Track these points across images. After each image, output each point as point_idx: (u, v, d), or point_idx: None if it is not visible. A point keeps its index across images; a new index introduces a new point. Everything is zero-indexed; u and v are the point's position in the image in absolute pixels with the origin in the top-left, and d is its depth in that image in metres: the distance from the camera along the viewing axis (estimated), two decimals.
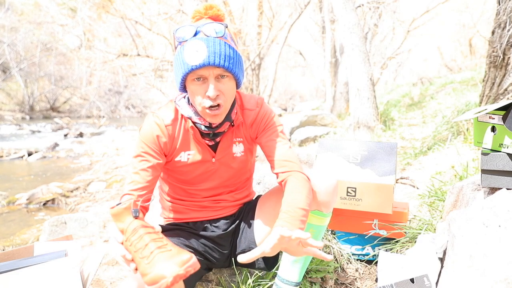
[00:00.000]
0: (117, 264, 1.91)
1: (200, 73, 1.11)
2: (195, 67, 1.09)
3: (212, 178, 1.32)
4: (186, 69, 1.11)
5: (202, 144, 1.27)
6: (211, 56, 1.09)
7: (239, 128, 1.31)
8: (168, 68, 9.44)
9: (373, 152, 1.80)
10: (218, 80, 1.13)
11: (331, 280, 1.57)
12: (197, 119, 1.22)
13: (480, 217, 1.18)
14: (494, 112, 1.29)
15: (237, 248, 1.37)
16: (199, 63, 1.08)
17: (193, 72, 1.11)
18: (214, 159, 1.29)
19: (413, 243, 1.68)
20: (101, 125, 14.93)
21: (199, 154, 1.27)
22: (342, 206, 1.72)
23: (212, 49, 1.09)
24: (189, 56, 1.09)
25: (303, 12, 10.66)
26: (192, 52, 1.09)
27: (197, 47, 1.09)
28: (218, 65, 1.10)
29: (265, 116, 1.31)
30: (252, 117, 1.30)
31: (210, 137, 1.25)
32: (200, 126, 1.23)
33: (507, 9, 2.74)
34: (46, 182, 5.09)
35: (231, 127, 1.29)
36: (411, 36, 12.77)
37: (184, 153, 1.26)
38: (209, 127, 1.23)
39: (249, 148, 1.35)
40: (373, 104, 5.26)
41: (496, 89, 2.93)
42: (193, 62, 1.09)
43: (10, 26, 17.13)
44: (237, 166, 1.33)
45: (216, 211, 1.37)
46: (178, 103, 1.26)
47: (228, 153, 1.30)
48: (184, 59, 1.11)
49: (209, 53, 1.09)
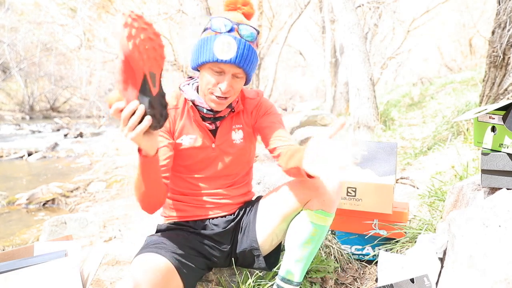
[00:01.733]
0: (117, 264, 1.91)
1: (222, 67, 1.19)
2: (221, 61, 1.17)
3: (212, 165, 1.35)
4: (211, 58, 1.18)
5: (203, 128, 1.32)
6: (239, 57, 1.18)
7: (238, 115, 1.37)
8: (168, 68, 9.44)
9: (373, 152, 1.80)
10: (233, 78, 1.21)
11: (331, 280, 1.57)
12: (200, 103, 1.29)
13: (480, 217, 1.18)
14: (494, 112, 1.29)
15: (237, 247, 1.37)
16: (226, 59, 1.17)
17: (216, 63, 1.18)
18: (214, 144, 1.33)
19: (413, 243, 1.68)
20: (101, 125, 14.92)
21: (200, 138, 1.32)
22: (342, 206, 1.72)
23: (241, 51, 1.18)
24: (219, 49, 1.17)
25: (303, 12, 10.67)
26: (223, 46, 1.17)
27: (229, 44, 1.17)
28: (241, 67, 1.19)
29: (266, 104, 1.39)
30: (253, 104, 1.38)
31: (211, 120, 1.32)
32: (202, 108, 1.29)
33: (507, 9, 2.74)
34: (46, 182, 5.09)
35: (231, 113, 1.35)
36: (411, 36, 12.78)
37: (186, 137, 1.31)
38: (211, 110, 1.29)
39: (249, 136, 1.39)
40: (373, 104, 5.26)
41: (496, 89, 2.93)
42: (222, 56, 1.17)
43: (10, 26, 17.13)
44: (236, 153, 1.37)
45: (215, 209, 1.37)
46: (183, 88, 1.33)
47: (228, 139, 1.35)
48: (213, 49, 1.17)
49: (237, 53, 1.17)
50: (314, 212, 1.25)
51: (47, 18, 12.22)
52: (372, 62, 9.35)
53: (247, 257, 1.36)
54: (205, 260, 1.32)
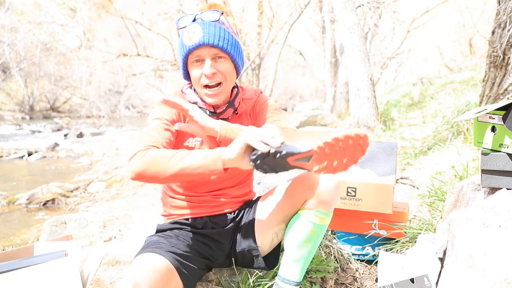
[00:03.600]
0: (117, 264, 1.91)
1: (197, 53, 1.20)
2: (191, 47, 1.19)
3: None
4: (184, 50, 1.21)
5: None
6: (205, 36, 1.18)
7: (241, 118, 1.37)
8: (168, 68, 9.45)
9: (373, 152, 1.80)
10: (215, 61, 1.22)
11: (331, 280, 1.57)
12: (202, 104, 1.29)
13: (480, 217, 1.18)
14: (494, 112, 1.29)
15: (237, 247, 1.37)
16: (195, 43, 1.18)
17: (191, 53, 1.20)
18: None
19: (413, 243, 1.68)
20: (101, 125, 14.92)
21: (205, 140, 1.32)
22: (342, 206, 1.72)
23: (207, 31, 1.19)
24: (186, 38, 1.20)
25: (303, 12, 10.66)
26: (189, 34, 1.19)
27: (194, 30, 1.19)
28: (213, 44, 1.18)
29: (264, 101, 1.39)
30: (251, 104, 1.39)
31: None
32: (205, 111, 1.29)
33: (507, 9, 2.74)
34: (46, 182, 5.08)
35: (234, 115, 1.35)
36: (411, 36, 12.78)
37: (192, 139, 1.32)
38: (214, 112, 1.29)
39: None
40: (373, 104, 5.26)
41: (496, 89, 2.93)
42: (190, 43, 1.19)
43: (10, 26, 17.12)
44: None
45: (216, 207, 1.38)
46: (185, 91, 1.34)
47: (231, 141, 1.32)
48: (183, 42, 1.21)
49: (204, 33, 1.18)
50: (312, 212, 1.25)
51: (47, 18, 12.22)
52: (372, 62, 9.35)
53: (246, 257, 1.36)
54: (205, 260, 1.32)
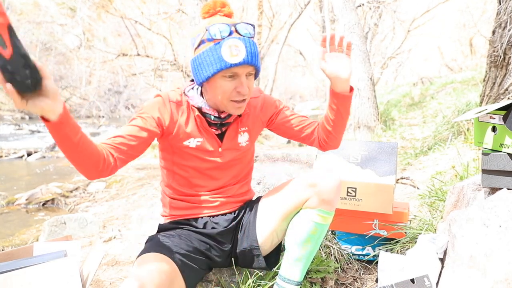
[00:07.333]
0: (117, 264, 1.90)
1: (235, 70, 1.18)
2: (234, 65, 1.16)
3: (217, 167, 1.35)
4: (223, 65, 1.16)
5: (210, 132, 1.32)
6: (249, 56, 1.17)
7: (244, 118, 1.37)
8: (168, 68, 9.44)
9: (373, 152, 1.80)
10: (246, 77, 1.22)
11: (331, 281, 1.56)
12: (207, 110, 1.28)
13: (480, 217, 1.18)
14: (494, 112, 1.28)
15: (237, 247, 1.37)
16: (239, 62, 1.16)
17: (228, 69, 1.17)
18: (220, 148, 1.33)
19: (413, 243, 1.68)
20: (101, 125, 14.90)
21: (207, 142, 1.31)
22: (342, 206, 1.72)
23: (249, 49, 1.18)
24: (228, 54, 1.16)
25: (303, 12, 10.65)
26: (232, 50, 1.16)
27: (237, 46, 1.16)
28: (254, 65, 1.19)
29: (272, 99, 1.43)
30: (260, 102, 1.41)
31: (217, 126, 1.31)
32: (210, 116, 1.29)
33: (508, 9, 2.74)
34: (45, 182, 5.08)
35: (237, 117, 1.35)
36: (411, 36, 12.79)
37: (194, 140, 1.31)
38: (218, 117, 1.29)
39: (253, 137, 1.41)
40: (373, 104, 5.26)
41: (496, 89, 2.93)
42: (233, 60, 1.16)
43: None
44: (241, 155, 1.38)
45: (216, 207, 1.37)
46: (188, 93, 1.31)
47: (234, 143, 1.35)
48: (222, 57, 1.16)
49: (247, 53, 1.17)
50: (314, 211, 1.25)
51: (47, 17, 12.23)
52: (372, 62, 9.35)
53: (247, 256, 1.36)
54: (206, 260, 1.32)
